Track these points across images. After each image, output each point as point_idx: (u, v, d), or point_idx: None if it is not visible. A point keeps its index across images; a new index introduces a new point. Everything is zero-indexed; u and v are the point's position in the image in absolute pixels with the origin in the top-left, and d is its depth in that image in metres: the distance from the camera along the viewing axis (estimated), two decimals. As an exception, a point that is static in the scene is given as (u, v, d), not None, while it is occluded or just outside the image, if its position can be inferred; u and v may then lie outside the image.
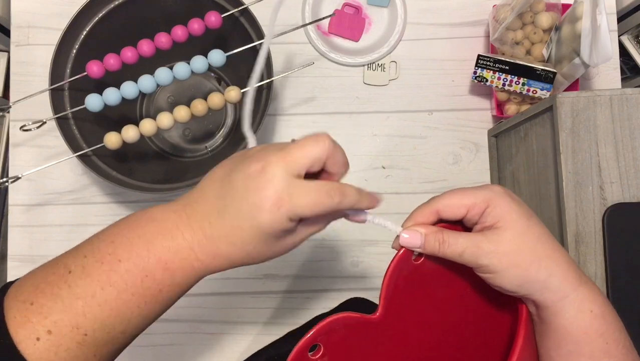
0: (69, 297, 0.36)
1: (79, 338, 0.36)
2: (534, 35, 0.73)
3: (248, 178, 0.36)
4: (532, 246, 0.39)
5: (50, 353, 0.35)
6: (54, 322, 0.36)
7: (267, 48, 0.46)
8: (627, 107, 0.54)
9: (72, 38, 0.64)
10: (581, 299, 0.40)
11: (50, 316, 0.36)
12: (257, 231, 0.36)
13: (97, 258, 0.38)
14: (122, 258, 0.37)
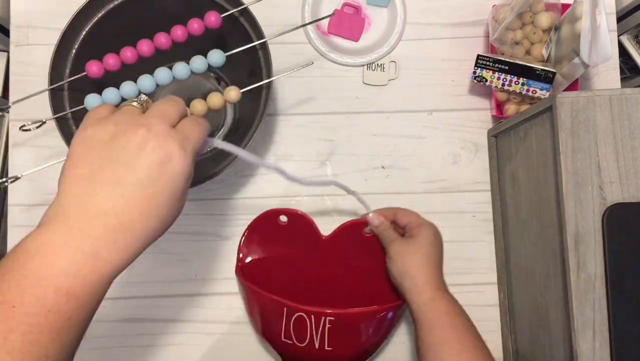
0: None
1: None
2: (534, 35, 0.73)
3: (140, 145, 0.36)
4: (422, 259, 0.61)
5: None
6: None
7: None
8: (626, 107, 0.54)
9: (72, 38, 0.64)
10: (434, 298, 0.59)
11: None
12: (173, 184, 0.37)
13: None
14: (16, 304, 0.33)
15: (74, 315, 0.35)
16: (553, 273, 0.59)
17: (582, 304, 0.53)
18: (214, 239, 0.76)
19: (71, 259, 0.35)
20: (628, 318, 0.52)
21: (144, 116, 0.39)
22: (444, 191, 0.77)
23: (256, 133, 0.63)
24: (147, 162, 0.36)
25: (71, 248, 0.35)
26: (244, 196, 0.76)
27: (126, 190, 0.36)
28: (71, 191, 0.37)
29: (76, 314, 0.35)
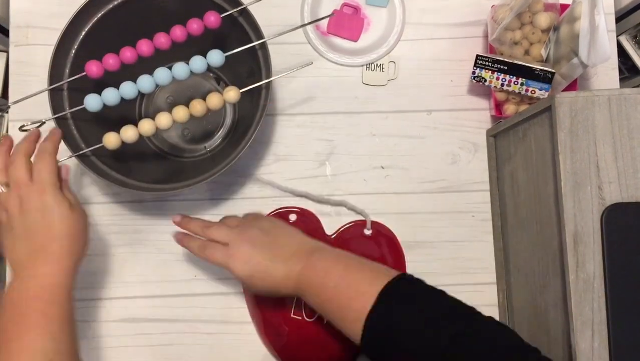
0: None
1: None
2: (533, 35, 0.73)
3: (36, 207, 0.54)
4: (242, 267, 0.58)
5: None
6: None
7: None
8: (625, 107, 0.54)
9: (71, 38, 0.64)
10: (300, 280, 0.57)
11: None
12: (52, 216, 0.53)
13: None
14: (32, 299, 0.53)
15: (56, 299, 0.53)
16: (552, 273, 0.59)
17: (581, 304, 0.53)
18: (214, 239, 0.76)
19: (38, 281, 0.53)
20: (627, 318, 0.52)
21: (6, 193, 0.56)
22: (443, 191, 0.77)
23: (255, 133, 0.63)
24: (31, 217, 0.54)
25: (34, 276, 0.53)
26: (244, 196, 0.76)
27: (42, 244, 0.54)
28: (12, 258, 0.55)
29: (56, 300, 0.53)
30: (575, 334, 0.53)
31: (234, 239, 0.60)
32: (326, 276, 0.55)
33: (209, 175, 0.63)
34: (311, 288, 0.56)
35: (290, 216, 0.75)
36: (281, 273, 0.57)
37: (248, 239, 0.59)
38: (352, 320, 0.52)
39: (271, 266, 0.57)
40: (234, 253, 0.59)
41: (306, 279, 0.56)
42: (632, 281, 0.53)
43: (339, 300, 0.53)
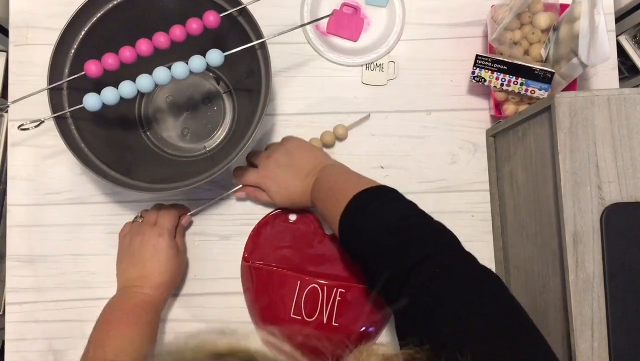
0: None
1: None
2: (532, 35, 0.73)
3: (153, 244, 0.69)
4: (277, 189, 0.70)
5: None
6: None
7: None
8: (624, 107, 0.54)
9: (71, 38, 0.64)
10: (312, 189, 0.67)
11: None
12: (164, 253, 0.68)
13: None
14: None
15: (149, 311, 0.67)
16: (552, 273, 0.59)
17: (580, 303, 0.53)
18: (213, 239, 0.76)
19: (141, 297, 0.67)
20: (626, 318, 0.52)
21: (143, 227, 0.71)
22: (443, 190, 0.77)
23: (255, 133, 0.63)
24: (148, 251, 0.68)
25: (139, 293, 0.68)
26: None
27: (153, 268, 0.69)
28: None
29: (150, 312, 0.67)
30: (575, 334, 0.53)
31: (264, 161, 0.71)
32: (326, 183, 0.65)
33: (209, 175, 0.63)
34: (318, 200, 0.66)
35: (290, 216, 0.75)
36: (300, 190, 0.68)
37: (274, 161, 0.70)
38: (335, 217, 0.60)
39: (292, 184, 0.69)
40: (265, 174, 0.70)
41: (315, 193, 0.66)
42: (631, 281, 0.53)
43: (331, 201, 0.62)
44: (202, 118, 0.78)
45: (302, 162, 0.70)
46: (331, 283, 0.70)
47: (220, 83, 0.78)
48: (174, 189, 0.64)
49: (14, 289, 0.74)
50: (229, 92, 0.78)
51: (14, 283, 0.74)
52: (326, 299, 0.70)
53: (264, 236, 0.75)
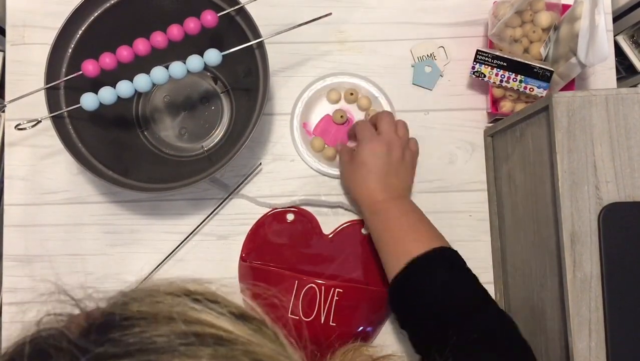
0: None
1: None
2: (533, 33, 0.73)
3: (397, 154, 0.69)
4: (358, 179, 0.68)
5: None
6: None
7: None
8: (622, 106, 0.54)
9: (68, 37, 0.64)
10: (376, 210, 0.66)
11: None
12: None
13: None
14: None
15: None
16: (549, 273, 0.59)
17: (578, 303, 0.53)
18: (210, 238, 0.76)
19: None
20: (624, 318, 0.52)
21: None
22: (441, 190, 0.77)
23: (253, 133, 0.63)
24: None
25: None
26: (241, 195, 0.76)
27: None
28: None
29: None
30: (573, 334, 0.53)
31: (385, 137, 0.68)
32: (403, 216, 0.65)
33: (206, 174, 0.63)
34: (383, 218, 0.65)
35: (287, 215, 0.75)
36: (378, 191, 0.66)
37: (389, 148, 0.67)
38: (398, 257, 0.60)
39: (376, 180, 0.66)
40: (376, 146, 0.67)
41: (386, 207, 0.65)
42: (629, 280, 0.53)
43: (399, 238, 0.62)
44: (199, 118, 0.78)
45: (400, 178, 0.68)
46: (329, 283, 0.70)
47: (217, 83, 0.78)
48: (171, 189, 0.64)
49: (11, 289, 0.74)
50: (227, 91, 0.78)
51: (11, 283, 0.74)
52: (324, 299, 0.70)
53: (261, 236, 0.75)
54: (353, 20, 0.80)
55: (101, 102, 0.61)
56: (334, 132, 0.77)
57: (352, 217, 0.76)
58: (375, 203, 0.66)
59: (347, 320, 0.70)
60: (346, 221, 0.76)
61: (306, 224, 0.75)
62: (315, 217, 0.75)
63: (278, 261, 0.73)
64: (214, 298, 0.34)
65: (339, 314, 0.69)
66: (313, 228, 0.75)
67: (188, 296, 0.33)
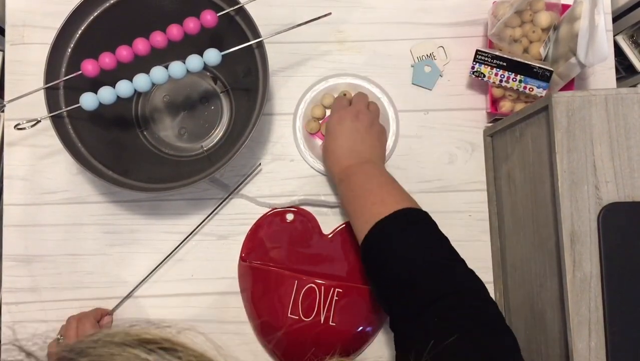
0: None
1: None
2: (533, 33, 0.73)
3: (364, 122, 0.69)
4: (325, 152, 0.70)
5: None
6: None
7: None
8: (622, 106, 0.54)
9: (67, 37, 0.64)
10: (342, 178, 0.66)
11: None
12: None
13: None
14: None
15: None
16: (549, 272, 0.59)
17: (577, 303, 0.53)
18: (210, 238, 0.76)
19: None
20: (623, 317, 0.52)
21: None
22: (440, 190, 0.77)
23: (252, 132, 0.63)
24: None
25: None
26: (241, 195, 0.76)
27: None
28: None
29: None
30: (572, 333, 0.53)
31: (354, 107, 0.70)
32: (368, 178, 0.64)
33: (206, 174, 0.63)
34: (350, 178, 0.65)
35: (287, 215, 0.75)
36: (344, 157, 0.67)
37: (356, 117, 0.69)
38: (365, 220, 0.60)
39: (343, 147, 0.68)
40: (343, 114, 0.69)
41: (352, 170, 0.66)
42: (628, 280, 0.53)
43: (366, 201, 0.62)
44: (199, 118, 0.78)
45: (367, 144, 0.69)
46: (328, 283, 0.70)
47: (217, 82, 0.78)
48: (171, 189, 0.64)
49: (10, 289, 0.74)
50: (227, 91, 0.78)
51: (10, 283, 0.74)
52: (323, 299, 0.70)
53: (261, 236, 0.75)
54: (352, 20, 0.80)
55: (101, 102, 0.61)
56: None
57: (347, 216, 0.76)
58: (342, 170, 0.67)
59: (347, 320, 0.70)
60: (346, 221, 0.76)
61: (306, 224, 0.75)
62: (314, 217, 0.75)
63: (278, 261, 0.73)
64: (172, 346, 0.33)
65: (339, 314, 0.69)
66: (313, 228, 0.75)
67: (144, 346, 0.32)
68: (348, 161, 0.67)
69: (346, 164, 0.67)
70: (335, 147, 0.68)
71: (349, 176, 0.65)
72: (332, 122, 0.70)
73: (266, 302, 0.71)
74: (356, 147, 0.68)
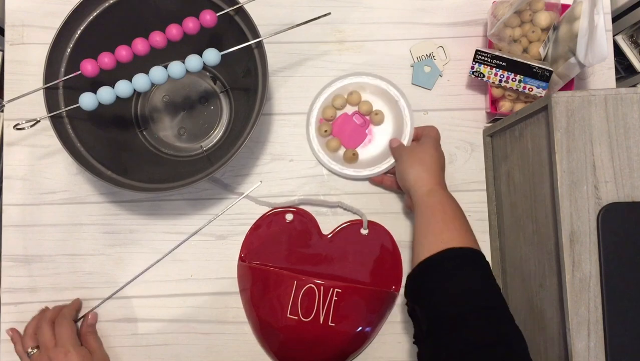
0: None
1: None
2: (532, 33, 0.73)
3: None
4: (422, 160, 0.68)
5: None
6: None
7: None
8: (621, 106, 0.54)
9: (67, 37, 0.64)
10: (432, 190, 0.65)
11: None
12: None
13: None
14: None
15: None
16: (548, 272, 0.59)
17: (577, 303, 0.53)
18: (209, 239, 0.76)
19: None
20: (623, 318, 0.52)
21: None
22: (440, 190, 0.77)
23: (252, 133, 0.63)
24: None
25: None
26: (240, 195, 0.76)
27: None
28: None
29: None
30: (572, 333, 0.53)
31: (434, 141, 0.71)
32: (448, 204, 0.64)
33: (205, 174, 0.63)
34: (424, 206, 0.65)
35: (286, 215, 0.75)
36: (425, 181, 0.67)
37: (438, 150, 0.70)
38: (429, 243, 0.59)
39: (427, 171, 0.67)
40: (430, 146, 0.70)
41: (435, 193, 0.65)
42: (628, 280, 0.53)
43: (434, 227, 0.61)
44: (198, 118, 0.77)
45: (439, 169, 0.69)
46: (328, 283, 0.70)
47: (217, 82, 0.78)
48: (170, 189, 0.64)
49: (9, 289, 0.74)
50: (226, 91, 0.78)
51: (9, 283, 0.74)
52: (323, 300, 0.70)
53: (260, 236, 0.75)
54: (352, 20, 0.80)
55: (100, 102, 0.61)
56: (350, 132, 0.77)
57: (351, 217, 0.76)
58: (430, 186, 0.66)
59: (347, 320, 0.70)
60: (345, 221, 0.76)
61: (305, 224, 0.75)
62: (314, 217, 0.75)
63: (277, 261, 0.73)
64: None
65: (338, 314, 0.69)
66: (312, 228, 0.75)
67: None
68: (435, 179, 0.67)
69: (434, 183, 0.66)
70: (425, 172, 0.68)
71: (434, 192, 0.65)
72: (423, 153, 0.69)
73: (265, 302, 0.71)
74: (440, 173, 0.69)
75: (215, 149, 0.76)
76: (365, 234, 0.75)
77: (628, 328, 0.52)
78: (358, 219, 0.76)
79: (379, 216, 0.76)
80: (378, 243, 0.75)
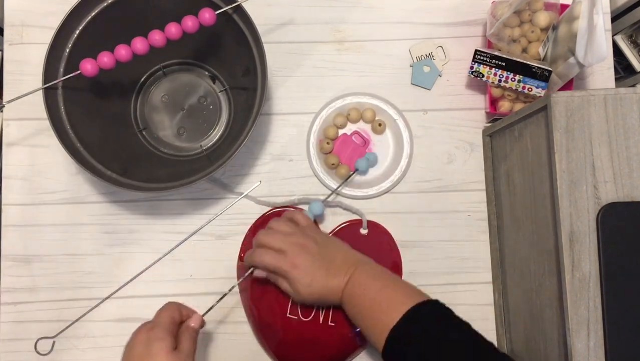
0: None
1: None
2: (532, 33, 0.73)
3: (142, 340, 0.56)
4: (308, 280, 0.61)
5: None
6: None
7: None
8: (621, 106, 0.54)
9: (66, 36, 0.64)
10: (346, 288, 0.61)
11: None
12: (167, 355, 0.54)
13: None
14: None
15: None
16: (548, 272, 0.59)
17: (576, 303, 0.53)
18: (209, 238, 0.76)
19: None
20: (622, 317, 0.52)
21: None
22: (439, 190, 0.77)
23: (251, 132, 0.63)
24: (137, 346, 0.56)
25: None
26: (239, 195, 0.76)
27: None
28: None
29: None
30: (571, 333, 0.53)
31: (290, 247, 0.62)
32: (365, 290, 0.60)
33: (205, 174, 0.63)
34: (351, 299, 0.61)
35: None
36: (333, 287, 0.62)
37: (303, 248, 0.63)
38: (379, 331, 0.57)
39: (324, 281, 0.62)
40: (294, 261, 0.62)
41: (348, 291, 0.61)
42: (627, 280, 0.53)
43: (372, 313, 0.58)
44: (198, 117, 0.77)
45: (334, 255, 0.64)
46: None
47: (216, 82, 0.78)
48: (169, 189, 0.64)
49: (9, 289, 0.74)
50: (225, 91, 0.78)
51: (9, 283, 0.74)
52: None
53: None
54: (352, 19, 0.80)
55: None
56: (350, 151, 0.77)
57: (351, 217, 0.76)
58: (334, 292, 0.62)
59: (346, 320, 0.70)
60: (344, 221, 0.76)
61: None
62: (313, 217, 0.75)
63: None
64: None
65: (338, 314, 0.69)
66: None
67: None
68: (333, 280, 0.62)
69: (335, 284, 0.62)
70: (311, 279, 0.62)
71: (346, 296, 0.61)
72: (290, 272, 0.62)
73: (265, 302, 0.71)
74: (326, 264, 0.62)
75: (214, 149, 0.76)
76: (365, 234, 0.75)
77: (628, 328, 0.52)
78: (357, 219, 0.76)
79: (378, 216, 0.76)
80: (378, 243, 0.75)
